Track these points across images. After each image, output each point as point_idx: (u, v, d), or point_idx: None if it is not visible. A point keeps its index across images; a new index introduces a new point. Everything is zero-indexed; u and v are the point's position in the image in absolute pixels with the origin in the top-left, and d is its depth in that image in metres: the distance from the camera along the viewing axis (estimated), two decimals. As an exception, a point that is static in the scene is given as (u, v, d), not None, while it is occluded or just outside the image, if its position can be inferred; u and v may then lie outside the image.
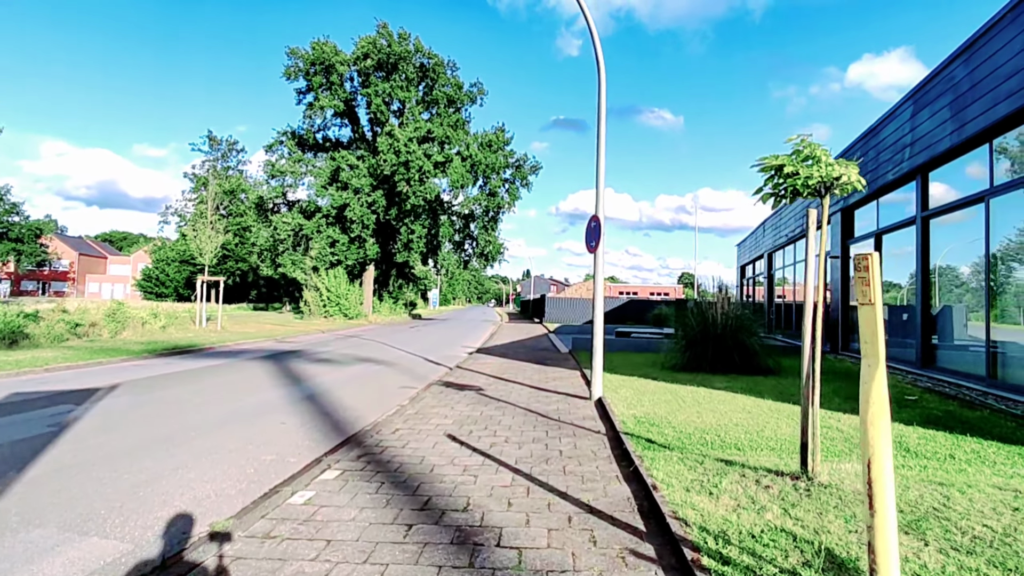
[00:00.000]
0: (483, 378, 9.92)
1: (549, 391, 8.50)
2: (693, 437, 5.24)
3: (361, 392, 8.73)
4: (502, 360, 12.91)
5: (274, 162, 32.36)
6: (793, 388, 8.15)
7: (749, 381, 8.79)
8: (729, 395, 7.52)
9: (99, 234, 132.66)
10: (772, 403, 6.94)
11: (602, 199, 7.59)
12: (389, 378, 10.32)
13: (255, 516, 3.53)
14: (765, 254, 22.54)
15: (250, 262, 48.14)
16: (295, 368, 11.27)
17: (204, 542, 3.18)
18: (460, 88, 33.19)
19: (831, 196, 3.93)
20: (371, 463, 4.66)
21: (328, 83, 31.17)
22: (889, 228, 10.63)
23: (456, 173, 31.13)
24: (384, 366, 12.05)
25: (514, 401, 7.62)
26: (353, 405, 7.61)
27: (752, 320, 10.03)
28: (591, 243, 7.62)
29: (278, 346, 16.05)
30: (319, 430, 6.11)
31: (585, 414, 6.74)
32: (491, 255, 35.98)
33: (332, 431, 6.08)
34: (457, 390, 8.59)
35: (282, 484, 4.21)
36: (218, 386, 8.86)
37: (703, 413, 6.34)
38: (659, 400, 7.20)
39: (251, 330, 21.16)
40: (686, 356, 9.90)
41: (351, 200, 30.05)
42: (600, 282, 7.57)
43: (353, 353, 14.51)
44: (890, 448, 2.07)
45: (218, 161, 52.89)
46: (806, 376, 3.90)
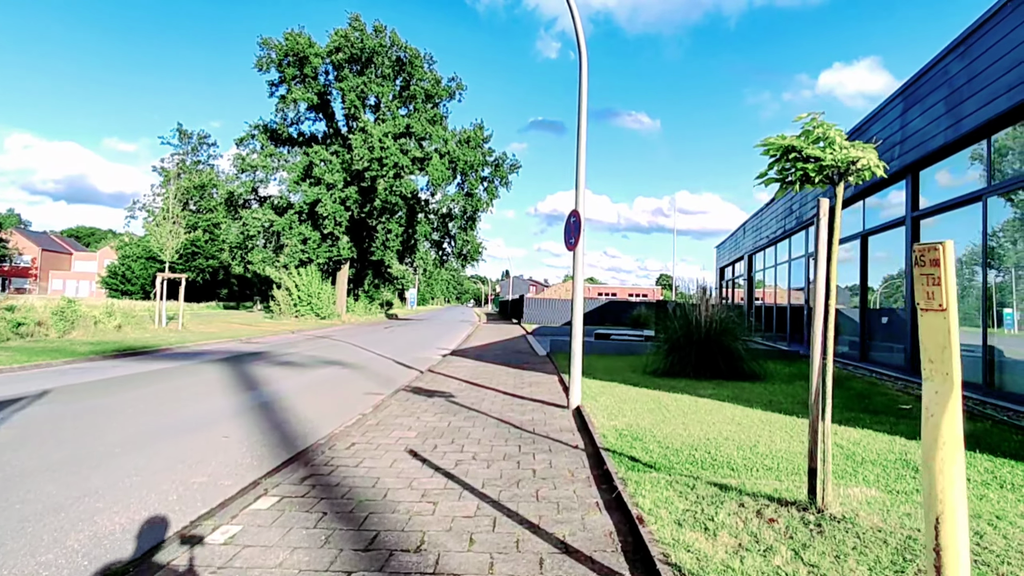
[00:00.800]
0: (455, 383, 9.33)
1: (524, 398, 7.94)
2: (681, 454, 4.72)
3: (321, 399, 8.07)
4: (476, 363, 12.32)
5: (244, 156, 31.28)
6: (782, 396, 7.72)
7: (735, 388, 8.35)
8: (716, 404, 7.04)
9: (65, 229, 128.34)
10: (762, 413, 6.48)
11: (582, 194, 7.07)
12: (354, 383, 9.66)
13: (159, 562, 2.89)
14: (745, 256, 22.33)
15: (221, 259, 46.73)
16: (254, 372, 10.53)
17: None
18: (438, 83, 32.48)
19: (845, 184, 3.42)
20: (316, 487, 4.05)
21: (301, 75, 30.20)
22: (876, 229, 10.31)
23: (435, 170, 30.43)
24: (351, 369, 11.37)
25: (486, 410, 7.05)
26: (310, 414, 6.95)
27: (737, 323, 9.61)
28: (570, 240, 7.08)
29: (241, 347, 15.22)
30: (265, 445, 5.46)
31: (562, 425, 6.19)
32: (469, 255, 35.33)
33: (280, 446, 5.43)
34: (426, 397, 7.98)
35: (204, 516, 3.57)
36: (163, 392, 8.11)
37: (690, 425, 5.84)
38: (642, 409, 6.69)
39: (215, 330, 20.21)
40: (669, 361, 9.43)
41: (323, 196, 29.13)
42: (580, 282, 7.04)
43: (320, 355, 13.78)
44: (965, 504, 1.54)
45: (188, 155, 51.28)
46: (815, 391, 3.39)
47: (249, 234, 30.88)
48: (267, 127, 32.53)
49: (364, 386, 9.37)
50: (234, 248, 32.53)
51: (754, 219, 20.98)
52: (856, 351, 11.01)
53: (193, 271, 49.29)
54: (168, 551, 3.01)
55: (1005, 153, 7.03)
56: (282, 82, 30.90)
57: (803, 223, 14.48)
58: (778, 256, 17.65)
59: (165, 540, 3.25)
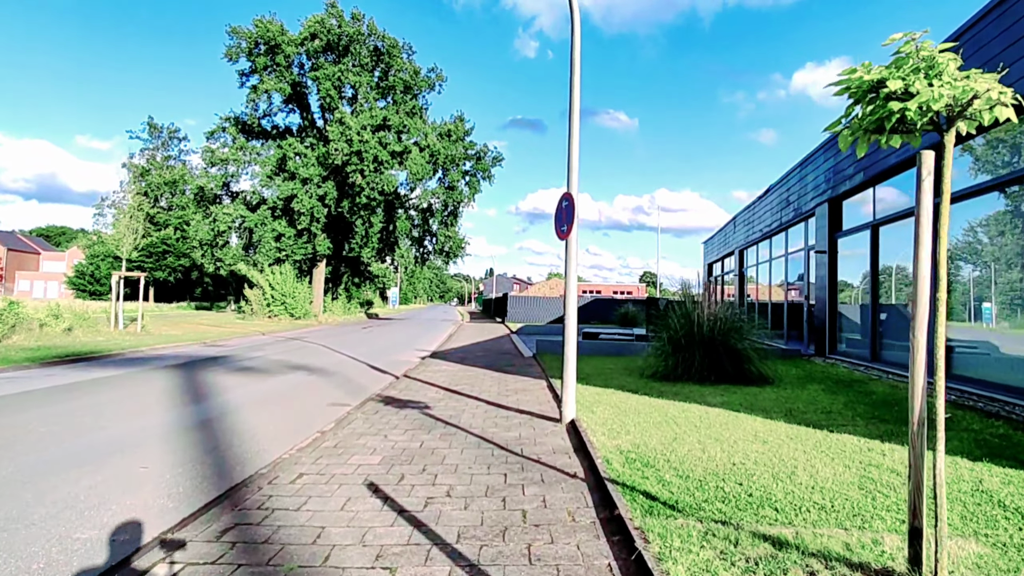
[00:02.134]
0: (432, 391, 8.34)
1: (510, 409, 6.98)
2: (707, 487, 3.80)
3: (277, 413, 7.02)
4: (458, 367, 11.33)
5: (214, 149, 29.82)
6: (800, 403, 6.85)
7: (746, 394, 7.47)
8: (730, 415, 6.15)
9: (34, 229, 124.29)
10: (786, 426, 5.59)
11: (575, 175, 6.12)
12: (319, 392, 8.61)
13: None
14: (736, 251, 21.61)
15: (193, 258, 44.97)
16: (207, 380, 9.43)
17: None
18: (417, 74, 31.29)
19: (955, 133, 2.51)
20: (236, 546, 3.05)
21: (274, 64, 28.82)
22: (893, 217, 9.51)
23: (415, 164, 29.28)
24: (318, 375, 10.30)
25: (466, 425, 6.07)
26: (259, 433, 5.91)
27: (743, 321, 8.75)
28: (562, 228, 6.13)
29: (203, 351, 14.04)
30: (192, 477, 4.42)
31: (556, 445, 5.24)
32: (451, 251, 34.24)
33: (209, 479, 4.40)
34: (398, 408, 6.98)
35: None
36: (89, 407, 7.00)
37: (707, 444, 4.93)
38: (647, 423, 5.77)
39: (178, 332, 18.92)
40: (669, 363, 8.54)
41: (299, 191, 27.83)
42: (573, 277, 6.10)
43: (286, 359, 12.67)
44: None
45: (158, 150, 49.34)
46: (916, 421, 2.46)
47: (219, 231, 29.45)
48: (238, 119, 31.08)
49: (329, 395, 8.32)
50: (204, 245, 31.03)
51: (745, 212, 20.26)
52: (866, 350, 10.23)
53: (164, 270, 47.48)
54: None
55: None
56: (253, 72, 29.49)
57: (802, 215, 13.72)
58: (773, 250, 16.91)
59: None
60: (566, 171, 6.15)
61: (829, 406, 6.66)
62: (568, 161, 6.14)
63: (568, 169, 6.12)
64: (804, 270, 13.82)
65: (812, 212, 13.00)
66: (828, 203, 11.94)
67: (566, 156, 6.15)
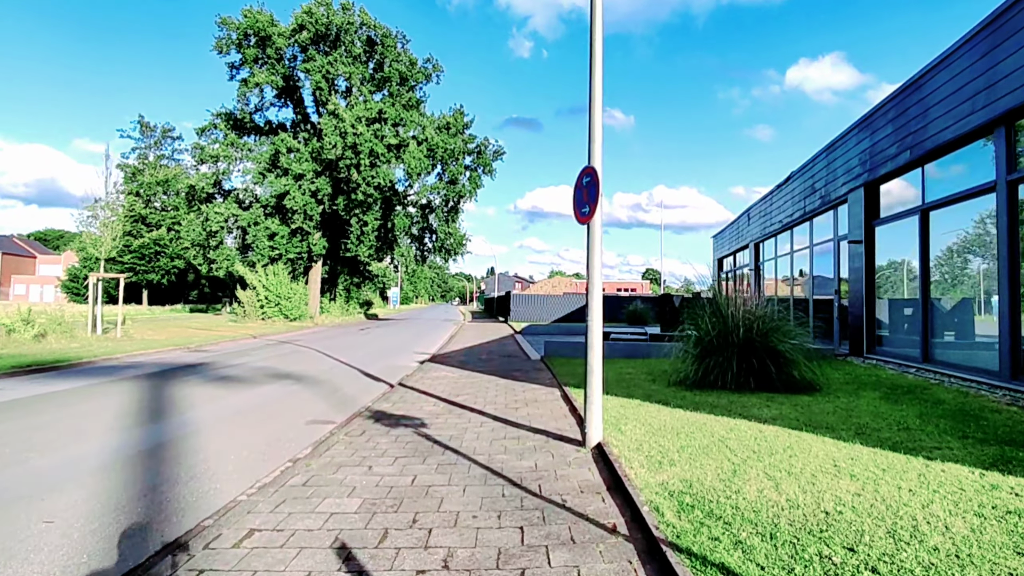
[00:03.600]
0: (430, 403, 7.27)
1: (521, 427, 5.91)
2: (806, 554, 2.72)
3: (246, 434, 5.96)
4: (459, 373, 10.26)
5: (204, 146, 28.74)
6: (867, 416, 5.77)
7: (796, 405, 6.40)
8: (790, 435, 5.06)
9: (32, 232, 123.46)
10: (867, 451, 4.52)
11: (598, 144, 5.04)
12: (301, 405, 7.55)
13: None
14: (751, 244, 20.50)
15: (187, 259, 43.92)
16: (177, 392, 8.37)
17: None
18: (414, 64, 30.14)
19: None
20: None
21: (264, 57, 27.70)
22: (948, 200, 8.41)
23: (413, 158, 28.16)
24: (304, 385, 9.24)
25: (469, 450, 5.00)
26: (215, 464, 4.85)
27: (785, 320, 7.67)
28: (583, 208, 5.05)
29: (183, 357, 12.99)
30: (105, 538, 3.35)
31: (582, 479, 4.17)
32: (452, 248, 33.13)
33: (130, 540, 3.34)
34: (388, 427, 5.92)
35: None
36: (23, 431, 5.93)
37: (779, 479, 3.86)
38: (692, 446, 4.70)
39: (163, 336, 17.87)
40: (700, 368, 7.45)
41: (291, 187, 26.73)
42: (598, 268, 5.02)
43: (271, 366, 11.61)
44: None
45: (151, 149, 48.24)
46: None
47: (211, 230, 28.36)
48: (230, 115, 29.97)
49: (312, 410, 7.26)
50: (196, 246, 29.96)
51: (762, 204, 19.15)
52: (915, 350, 9.15)
53: (157, 272, 46.40)
54: None
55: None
56: (243, 64, 28.39)
57: (830, 202, 12.63)
58: (795, 242, 15.81)
59: None
60: (587, 140, 5.07)
61: (902, 420, 5.57)
62: (589, 128, 5.05)
63: (590, 138, 5.04)
64: (834, 262, 12.72)
65: (843, 199, 11.90)
66: (864, 187, 10.85)
67: (587, 120, 5.07)
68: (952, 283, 8.75)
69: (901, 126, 9.43)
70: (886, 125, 9.98)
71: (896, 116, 9.61)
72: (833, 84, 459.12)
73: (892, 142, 9.74)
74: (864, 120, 10.92)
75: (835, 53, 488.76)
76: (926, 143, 8.69)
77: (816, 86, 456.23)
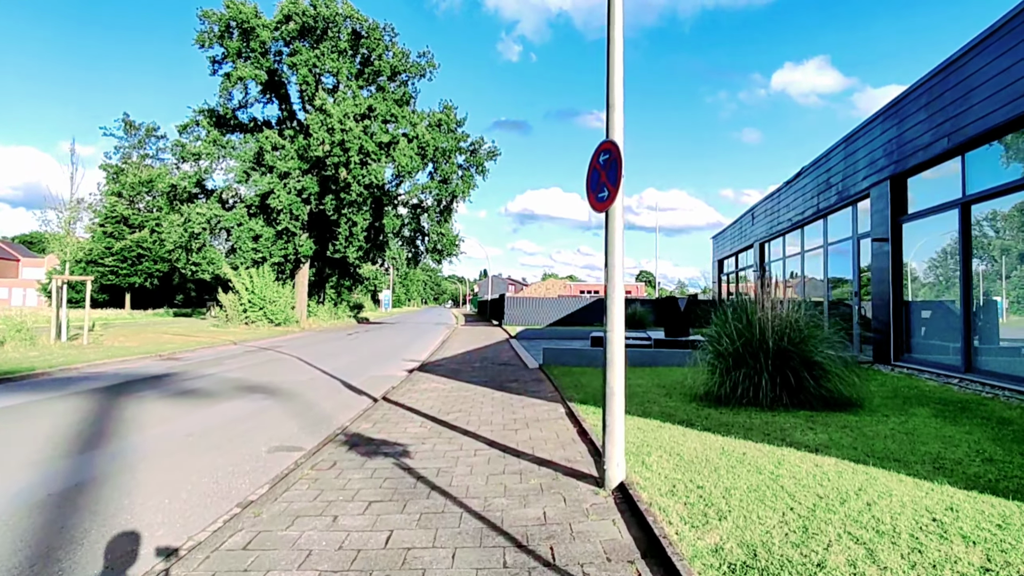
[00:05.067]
0: (416, 424, 6.30)
1: (523, 456, 4.96)
2: None
3: (192, 467, 4.96)
4: (450, 384, 9.30)
5: (185, 143, 27.60)
6: (932, 443, 4.85)
7: (843, 426, 5.48)
8: (857, 470, 4.14)
9: (18, 236, 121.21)
10: (962, 493, 3.60)
11: (619, 113, 4.11)
12: (268, 426, 6.56)
13: None
14: (756, 244, 19.68)
15: (171, 262, 42.62)
16: (128, 410, 7.35)
17: None
18: (406, 58, 29.14)
19: None
20: None
21: (248, 50, 26.61)
22: (996, 192, 7.54)
23: (404, 156, 27.15)
24: (276, 400, 8.24)
25: (460, 491, 4.05)
26: (141, 512, 3.87)
27: (820, 325, 6.77)
28: (600, 192, 4.12)
29: (151, 367, 11.94)
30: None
31: (607, 540, 3.22)
32: (445, 250, 32.11)
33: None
34: (365, 457, 4.96)
35: None
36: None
37: (868, 539, 2.94)
38: (739, 488, 3.77)
39: (136, 343, 16.76)
40: (726, 382, 6.52)
41: (276, 186, 25.62)
42: (618, 263, 4.08)
43: (244, 378, 10.59)
44: None
45: (135, 148, 46.89)
46: None
47: (193, 232, 27.21)
48: (212, 111, 28.80)
49: (279, 432, 6.27)
50: (178, 248, 28.77)
51: (768, 201, 18.33)
52: (956, 358, 8.27)
53: (140, 275, 45.01)
54: None
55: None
56: (226, 58, 27.28)
57: (849, 198, 11.77)
58: (805, 242, 14.97)
59: None
60: (604, 109, 4.14)
61: (977, 448, 4.67)
62: (608, 93, 4.12)
63: (608, 105, 4.10)
64: (853, 262, 11.86)
65: (864, 194, 11.05)
66: (890, 180, 9.99)
67: (605, 86, 4.14)
68: (994, 284, 7.89)
69: (937, 111, 8.57)
70: (918, 112, 9.12)
71: (930, 101, 8.76)
72: (818, 88, 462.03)
73: (925, 129, 8.88)
74: (890, 107, 10.07)
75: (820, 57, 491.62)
76: (967, 129, 7.82)
77: (801, 89, 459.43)
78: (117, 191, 44.79)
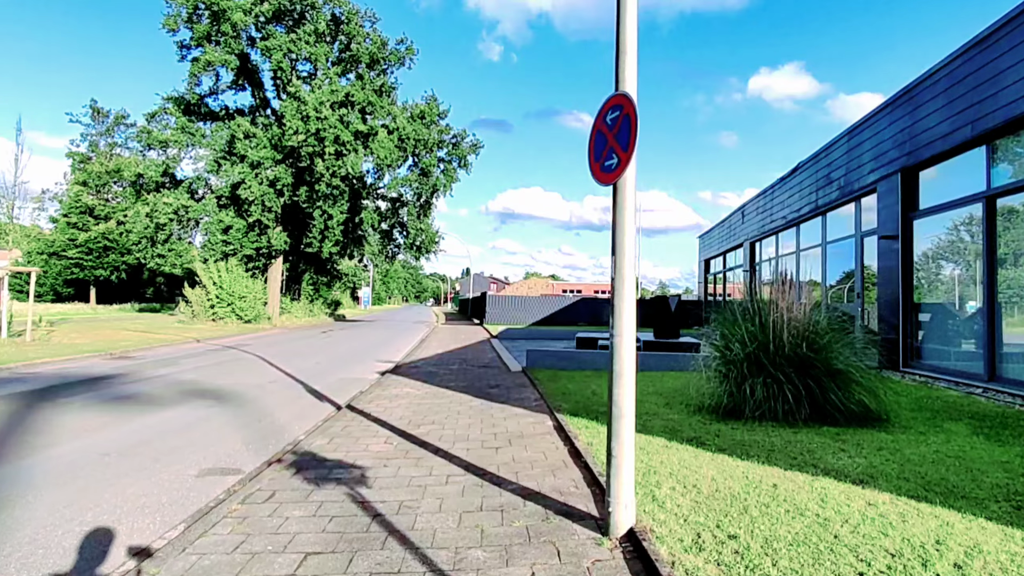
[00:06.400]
0: (380, 440, 5.40)
1: (505, 485, 4.09)
2: None
3: (97, 495, 4.01)
4: (425, 389, 8.39)
5: (152, 131, 26.17)
6: (990, 468, 4.10)
7: (878, 448, 4.72)
8: (922, 511, 3.35)
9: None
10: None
11: (632, 62, 3.25)
12: (207, 440, 5.59)
13: None
14: (746, 243, 19.08)
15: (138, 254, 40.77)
16: (48, 418, 6.32)
17: None
18: (384, 46, 27.97)
19: None
20: None
21: (218, 33, 25.25)
22: None
23: (382, 148, 26.05)
24: (225, 407, 7.26)
25: (424, 536, 3.16)
26: (2, 569, 2.92)
27: (842, 330, 6.01)
28: (608, 161, 3.27)
29: (96, 367, 10.82)
30: None
31: (620, 620, 2.37)
32: (424, 245, 31.06)
33: None
34: (313, 484, 4.05)
35: None
36: None
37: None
38: (782, 539, 2.96)
39: (88, 340, 15.53)
40: (737, 393, 5.73)
41: (247, 176, 24.35)
42: (629, 247, 3.24)
43: (197, 380, 9.55)
44: None
45: (102, 136, 44.92)
46: None
47: (159, 222, 25.80)
48: (182, 99, 27.32)
49: (219, 449, 5.32)
50: (143, 239, 27.29)
51: (760, 199, 17.71)
52: (977, 364, 7.61)
53: (106, 268, 43.11)
54: None
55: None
56: (194, 42, 25.84)
57: (852, 194, 11.13)
58: (801, 240, 14.35)
59: None
60: (614, 57, 3.28)
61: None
62: (618, 35, 3.26)
63: (618, 49, 3.24)
64: (856, 261, 11.21)
65: (871, 189, 10.39)
66: (901, 173, 9.33)
67: (615, 30, 3.28)
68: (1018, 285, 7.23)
69: (958, 97, 7.89)
70: (935, 98, 8.45)
71: (951, 86, 8.08)
72: (793, 93, 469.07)
73: (944, 117, 8.21)
74: (902, 95, 9.40)
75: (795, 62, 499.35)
76: (995, 115, 7.15)
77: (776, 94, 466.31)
78: (82, 180, 42.80)
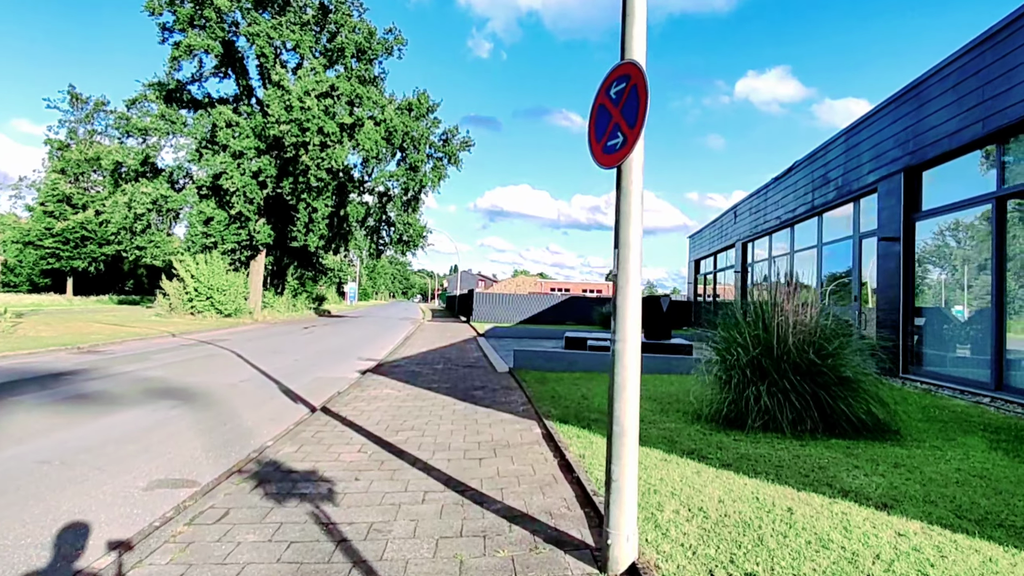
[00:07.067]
0: (355, 446, 4.94)
1: (488, 504, 3.66)
2: None
3: (19, 515, 3.52)
4: (406, 391, 7.93)
5: (131, 117, 25.34)
6: (1014, 488, 3.74)
7: (894, 464, 4.36)
8: (962, 544, 2.98)
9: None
10: None
11: (640, 26, 2.83)
12: (160, 449, 5.09)
13: None
14: (738, 244, 18.81)
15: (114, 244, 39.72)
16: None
17: None
18: (372, 35, 27.32)
19: None
20: None
21: (201, 18, 24.49)
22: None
23: (368, 140, 25.43)
24: (190, 408, 6.75)
25: (392, 572, 2.72)
26: None
27: (850, 335, 5.65)
28: (612, 140, 2.84)
29: (59, 362, 10.22)
30: None
31: None
32: (411, 241, 30.49)
33: None
34: (274, 501, 3.59)
35: None
36: None
37: None
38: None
39: (55, 333, 14.85)
40: (740, 401, 5.34)
41: (229, 166, 23.65)
42: (636, 237, 2.82)
43: (165, 377, 9.01)
44: None
45: (81, 123, 43.71)
46: None
47: (138, 212, 24.98)
48: (163, 85, 26.48)
49: (176, 456, 4.83)
50: (121, 230, 26.42)
51: (753, 199, 17.43)
52: (983, 371, 7.32)
53: (84, 259, 41.98)
54: None
55: None
56: (177, 26, 25.03)
57: (851, 194, 10.82)
58: (796, 241, 14.06)
59: None
60: (620, 24, 2.85)
61: (1083, 500, 3.56)
62: (623, 8, 2.83)
63: (624, 11, 2.82)
64: (854, 263, 10.92)
65: (871, 189, 10.09)
66: (903, 173, 9.02)
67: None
68: None
69: (968, 93, 7.58)
70: (943, 95, 8.13)
71: (960, 82, 7.77)
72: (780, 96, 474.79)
73: (952, 114, 7.89)
74: (906, 92, 9.10)
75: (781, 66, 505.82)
76: (1008, 112, 6.84)
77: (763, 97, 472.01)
78: (60, 167, 41.62)
